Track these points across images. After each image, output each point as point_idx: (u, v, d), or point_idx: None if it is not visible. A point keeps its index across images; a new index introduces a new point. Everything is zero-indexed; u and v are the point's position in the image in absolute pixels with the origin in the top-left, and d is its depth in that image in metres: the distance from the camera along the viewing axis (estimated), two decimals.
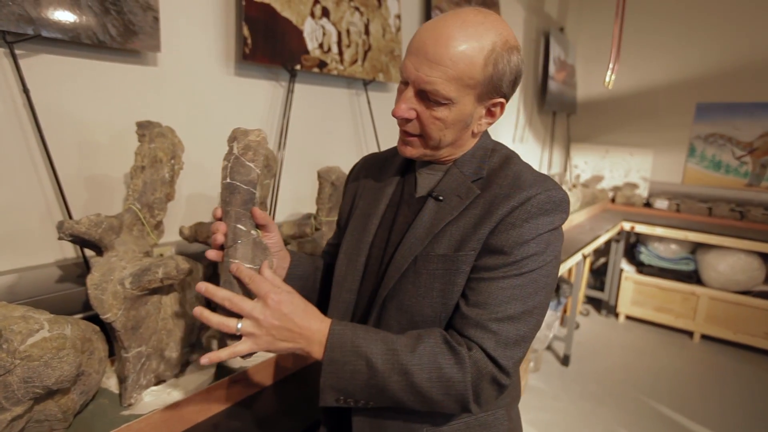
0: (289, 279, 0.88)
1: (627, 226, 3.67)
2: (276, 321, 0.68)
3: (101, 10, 1.12)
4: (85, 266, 1.19)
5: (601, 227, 3.26)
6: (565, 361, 3.11)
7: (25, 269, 1.12)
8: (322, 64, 1.71)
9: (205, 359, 0.67)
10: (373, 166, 0.94)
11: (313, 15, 1.64)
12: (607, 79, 3.29)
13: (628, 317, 3.94)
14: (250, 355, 0.70)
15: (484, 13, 0.72)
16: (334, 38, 1.74)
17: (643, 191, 4.34)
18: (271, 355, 1.15)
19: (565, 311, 3.64)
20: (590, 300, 4.30)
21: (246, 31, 1.43)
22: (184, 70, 1.37)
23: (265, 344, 0.69)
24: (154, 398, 0.99)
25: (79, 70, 1.15)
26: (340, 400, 0.72)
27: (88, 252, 1.18)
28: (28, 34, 1.01)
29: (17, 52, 1.03)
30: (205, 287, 0.69)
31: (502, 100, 0.76)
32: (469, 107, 0.74)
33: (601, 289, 4.12)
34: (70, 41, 1.09)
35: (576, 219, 3.35)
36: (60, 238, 0.91)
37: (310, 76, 1.77)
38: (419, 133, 0.76)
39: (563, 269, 2.43)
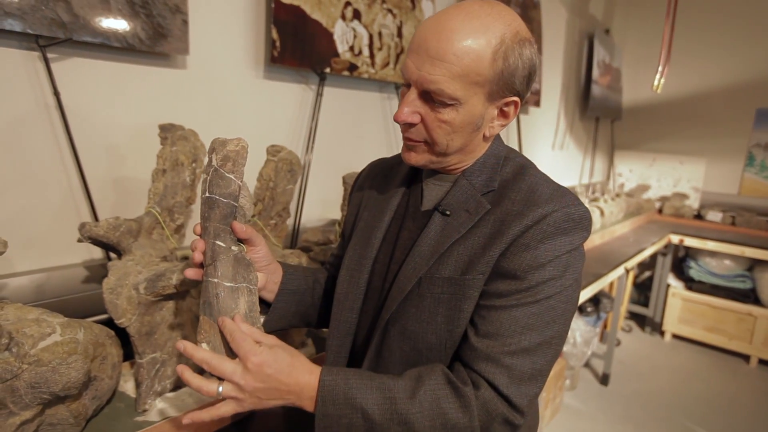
0: (281, 294, 0.82)
1: (675, 238, 3.45)
2: (259, 384, 0.62)
3: (131, 13, 1.12)
4: None
5: (646, 239, 3.07)
6: (604, 380, 2.94)
7: (54, 269, 1.14)
8: (352, 67, 1.67)
9: (187, 420, 0.63)
10: (378, 175, 0.88)
11: (344, 17, 1.61)
12: (656, 82, 3.10)
13: (675, 336, 3.69)
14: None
15: (490, 4, 0.65)
16: (366, 41, 1.71)
17: (693, 202, 4.08)
18: None
19: (605, 326, 3.45)
20: (633, 316, 4.07)
21: (275, 34, 1.41)
22: (212, 72, 1.37)
23: (250, 405, 0.64)
24: (168, 405, 0.97)
25: (109, 73, 1.16)
26: None
27: (114, 254, 1.19)
28: (60, 37, 1.03)
29: (49, 55, 1.05)
30: (183, 346, 0.64)
31: (515, 98, 0.69)
32: (478, 108, 0.67)
33: (646, 304, 3.89)
34: (100, 44, 1.10)
35: (619, 230, 3.17)
36: (79, 240, 0.91)
37: (340, 79, 1.74)
38: (424, 140, 0.70)
39: (600, 285, 2.29)
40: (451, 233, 0.69)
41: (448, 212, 0.72)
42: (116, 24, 1.10)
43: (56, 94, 1.06)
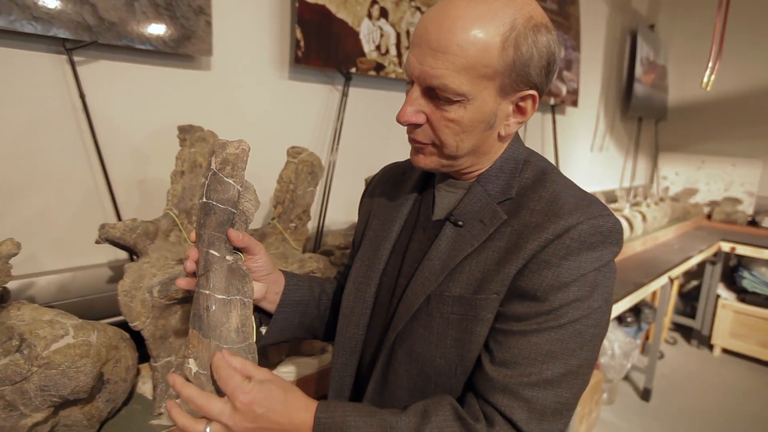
0: (283, 305, 0.77)
1: (726, 246, 3.22)
2: (249, 424, 0.56)
3: (155, 15, 1.13)
4: None
5: (693, 247, 2.88)
6: (645, 395, 2.77)
7: (79, 268, 1.16)
8: (379, 67, 1.64)
9: None
10: (390, 180, 0.82)
11: (370, 16, 1.58)
12: (705, 79, 2.91)
13: (726, 351, 3.45)
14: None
15: None
16: (393, 40, 1.67)
17: (747, 207, 3.80)
18: (296, 375, 1.09)
19: (646, 338, 3.26)
20: (678, 327, 3.83)
21: (299, 34, 1.39)
22: (236, 73, 1.36)
23: None
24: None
25: (133, 75, 1.17)
26: None
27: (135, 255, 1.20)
28: (86, 40, 1.04)
29: (75, 58, 1.06)
30: (173, 381, 0.60)
31: (532, 92, 0.61)
32: (489, 104, 0.60)
33: (692, 316, 3.65)
34: (125, 47, 1.11)
35: (662, 236, 3.00)
36: (97, 242, 0.91)
37: (366, 79, 1.70)
38: (431, 142, 0.63)
39: (642, 295, 2.16)
40: (463, 246, 0.63)
41: (460, 223, 0.65)
42: (140, 26, 1.11)
43: (82, 96, 1.07)
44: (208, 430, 0.57)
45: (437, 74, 0.57)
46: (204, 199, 0.64)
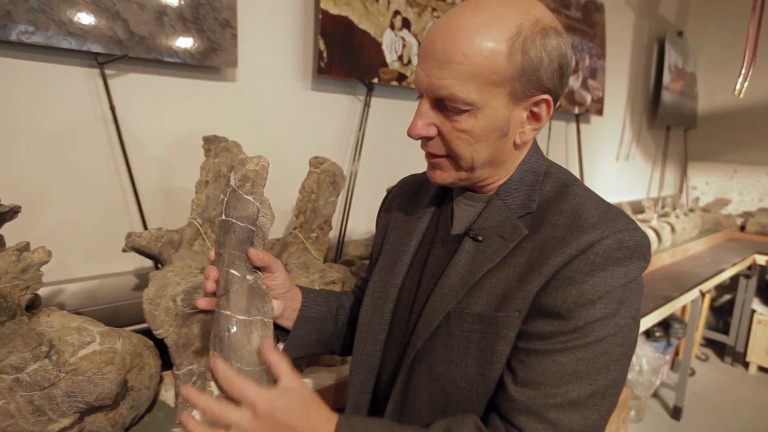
0: (300, 322, 0.77)
1: (761, 259, 3.10)
2: (269, 430, 0.55)
3: (183, 29, 1.15)
4: None
5: (725, 260, 2.78)
6: (675, 413, 2.67)
7: (107, 276, 1.18)
8: (401, 77, 1.64)
9: None
10: (408, 193, 0.81)
11: (392, 26, 1.59)
12: (738, 86, 2.82)
13: (762, 368, 3.30)
14: None
15: None
16: (415, 50, 1.67)
17: None
18: (315, 386, 1.08)
19: (676, 354, 3.15)
20: (710, 343, 3.69)
21: (322, 45, 1.41)
22: (260, 84, 1.39)
23: None
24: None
25: (161, 87, 1.20)
26: None
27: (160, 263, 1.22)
28: (117, 54, 1.07)
29: (106, 71, 1.10)
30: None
31: (546, 96, 0.59)
32: (501, 111, 0.58)
33: (725, 331, 3.51)
34: (153, 60, 1.14)
35: (692, 248, 2.90)
36: (124, 250, 0.93)
37: (388, 89, 1.71)
38: (446, 153, 0.63)
39: (671, 309, 2.08)
40: (484, 262, 0.62)
41: (480, 237, 0.64)
42: (169, 40, 1.13)
43: (112, 108, 1.11)
44: None
45: (444, 84, 0.57)
46: (223, 217, 0.64)
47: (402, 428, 0.59)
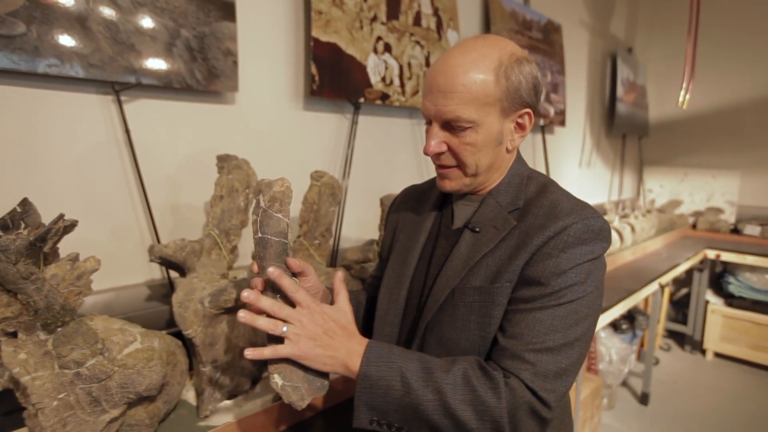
0: None
1: (711, 254, 3.38)
2: (318, 328, 0.70)
3: (190, 58, 1.26)
4: (170, 287, 1.31)
5: (680, 255, 3.03)
6: (643, 399, 2.87)
7: (121, 288, 1.26)
8: (384, 97, 1.79)
9: (248, 352, 0.69)
10: (412, 199, 0.97)
11: (375, 51, 1.74)
12: (681, 98, 3.11)
13: (718, 354, 3.57)
14: (303, 400, 0.72)
15: (483, 37, 0.75)
16: (396, 71, 1.82)
17: (729, 216, 3.99)
18: None
19: (642, 345, 3.38)
20: (672, 334, 3.96)
21: (313, 69, 1.54)
22: (258, 106, 1.50)
23: (304, 349, 0.69)
24: (227, 411, 1.05)
25: (169, 111, 1.30)
26: (374, 422, 0.71)
27: (172, 274, 1.30)
28: (131, 82, 1.17)
29: (121, 98, 1.19)
30: (246, 296, 0.70)
31: (527, 110, 0.77)
32: (495, 125, 0.75)
33: (684, 322, 3.79)
34: (164, 86, 1.24)
35: (651, 246, 3.15)
36: (151, 260, 1.03)
37: (373, 108, 1.85)
38: (456, 164, 0.78)
39: (634, 301, 2.28)
40: (481, 248, 0.76)
41: (477, 229, 0.79)
42: (177, 68, 1.24)
43: (127, 131, 1.20)
44: (284, 329, 0.69)
45: (450, 110, 0.73)
46: (259, 235, 0.73)
47: (420, 353, 0.73)
